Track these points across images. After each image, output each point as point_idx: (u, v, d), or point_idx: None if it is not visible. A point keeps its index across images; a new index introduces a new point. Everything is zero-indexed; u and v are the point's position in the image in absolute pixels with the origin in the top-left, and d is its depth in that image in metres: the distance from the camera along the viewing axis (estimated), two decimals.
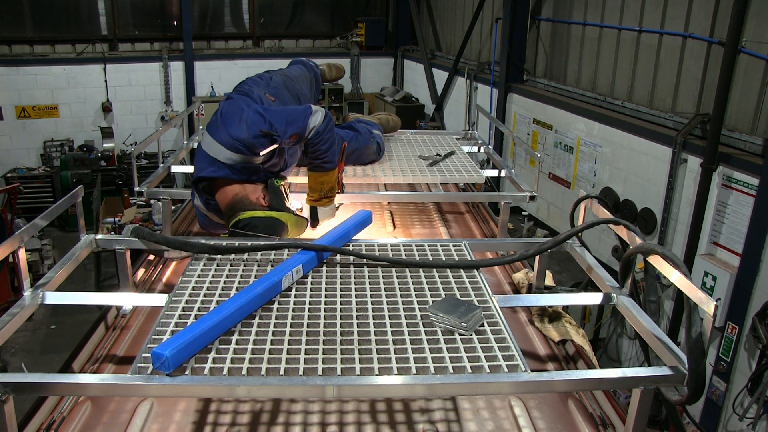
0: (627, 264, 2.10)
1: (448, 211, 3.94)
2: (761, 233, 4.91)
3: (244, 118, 2.65)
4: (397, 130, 4.30)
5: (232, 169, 2.66)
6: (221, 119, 2.72)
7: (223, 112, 2.77)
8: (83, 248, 2.34)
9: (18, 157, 11.22)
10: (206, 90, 12.15)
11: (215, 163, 2.67)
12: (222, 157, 2.65)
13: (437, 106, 11.38)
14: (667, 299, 6.13)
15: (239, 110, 2.72)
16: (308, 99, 3.51)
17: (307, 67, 3.81)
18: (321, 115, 2.79)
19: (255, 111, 2.68)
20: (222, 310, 1.78)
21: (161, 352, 1.54)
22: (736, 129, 5.48)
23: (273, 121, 2.65)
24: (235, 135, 2.61)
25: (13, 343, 7.29)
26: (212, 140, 2.68)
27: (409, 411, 1.95)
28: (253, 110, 2.69)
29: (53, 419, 1.88)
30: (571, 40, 7.90)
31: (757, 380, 5.07)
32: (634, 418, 1.66)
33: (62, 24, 11.45)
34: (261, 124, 2.63)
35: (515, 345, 1.73)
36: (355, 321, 1.86)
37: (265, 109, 2.71)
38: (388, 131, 4.19)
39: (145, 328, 2.44)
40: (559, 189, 7.91)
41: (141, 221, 7.46)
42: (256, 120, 2.64)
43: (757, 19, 5.18)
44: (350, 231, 2.43)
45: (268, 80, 3.26)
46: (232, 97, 2.93)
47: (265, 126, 2.62)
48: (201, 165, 2.73)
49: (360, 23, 13.04)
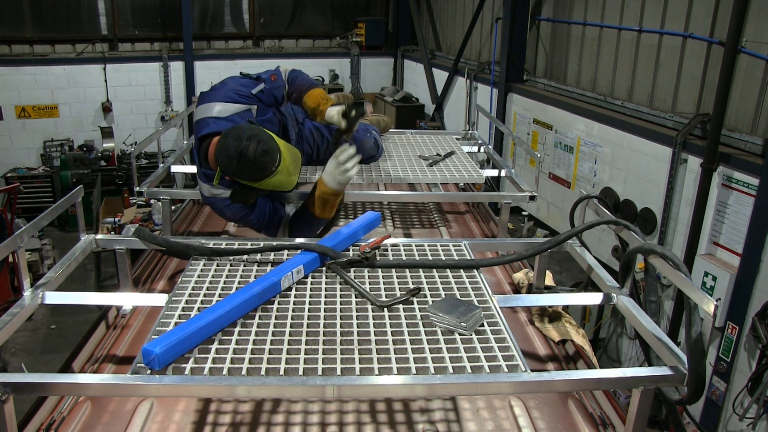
0: (627, 264, 2.10)
1: (448, 211, 3.94)
2: (761, 233, 4.91)
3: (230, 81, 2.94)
4: (388, 129, 4.30)
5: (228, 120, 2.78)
6: (211, 90, 2.93)
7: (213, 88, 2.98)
8: (83, 248, 2.34)
9: (18, 157, 11.22)
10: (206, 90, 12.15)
11: (211, 122, 2.76)
12: (216, 111, 2.77)
13: (437, 106, 11.38)
14: (667, 299, 6.13)
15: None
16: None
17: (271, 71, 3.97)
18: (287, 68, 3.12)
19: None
20: (216, 309, 1.78)
21: (151, 350, 1.55)
22: (736, 129, 5.48)
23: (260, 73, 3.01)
24: (227, 90, 2.85)
25: (13, 343, 7.29)
26: (207, 103, 2.83)
27: (409, 411, 1.95)
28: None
29: (53, 419, 1.89)
30: (571, 40, 7.90)
31: (757, 380, 5.07)
32: (634, 418, 1.66)
33: (62, 24, 11.45)
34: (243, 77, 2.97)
35: (515, 345, 1.73)
36: (355, 321, 1.85)
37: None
38: (381, 131, 4.21)
39: (145, 328, 2.44)
40: (559, 189, 7.91)
41: (141, 221, 7.46)
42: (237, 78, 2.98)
43: (757, 19, 5.18)
44: (358, 232, 2.43)
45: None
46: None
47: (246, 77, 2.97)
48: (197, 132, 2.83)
49: (360, 23, 13.04)
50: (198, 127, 2.79)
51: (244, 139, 2.38)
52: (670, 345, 1.75)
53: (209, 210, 3.95)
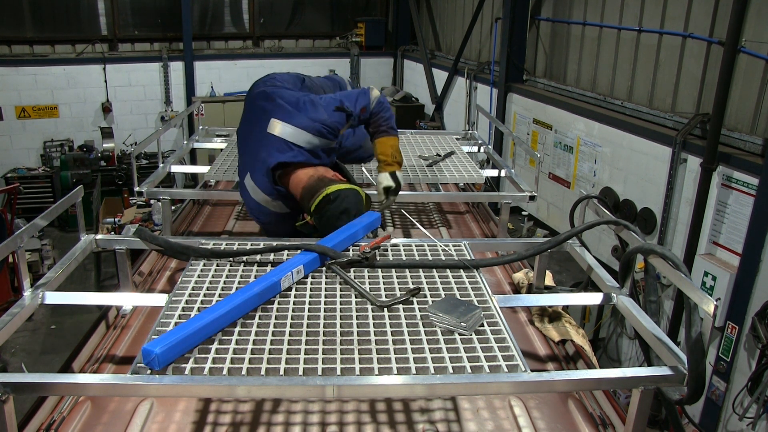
0: (627, 264, 2.10)
1: (448, 211, 3.94)
2: (761, 233, 4.91)
3: (320, 103, 2.77)
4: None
5: (312, 153, 2.73)
6: (294, 107, 2.75)
7: (289, 101, 2.79)
8: (83, 248, 2.34)
9: (18, 157, 11.22)
10: (206, 90, 12.15)
11: (294, 148, 2.69)
12: (302, 141, 2.69)
13: (437, 106, 11.38)
14: (667, 299, 6.13)
15: (306, 97, 2.80)
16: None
17: (338, 79, 3.81)
18: (377, 90, 2.98)
19: (325, 96, 2.86)
20: (216, 309, 1.78)
21: (151, 350, 1.55)
22: (736, 129, 5.48)
23: (342, 99, 2.83)
24: (316, 118, 2.71)
25: (13, 343, 7.29)
26: (289, 126, 2.70)
27: (409, 411, 1.95)
28: (323, 96, 2.86)
29: (53, 419, 1.89)
30: (571, 40, 7.89)
31: (757, 380, 5.06)
32: (634, 418, 1.66)
33: (62, 24, 11.45)
34: (335, 102, 2.79)
35: (515, 345, 1.73)
36: (355, 321, 1.85)
37: (331, 95, 2.90)
38: None
39: (145, 328, 2.44)
40: (559, 189, 7.91)
41: (141, 221, 7.46)
42: (329, 101, 2.81)
43: (757, 19, 5.18)
44: (358, 232, 2.43)
45: (297, 82, 3.21)
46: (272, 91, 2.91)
47: (337, 104, 2.79)
48: (274, 152, 2.70)
49: (360, 23, 13.04)
50: (278, 145, 2.69)
51: (341, 212, 2.55)
52: (670, 345, 1.75)
53: (209, 210, 3.95)
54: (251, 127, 2.85)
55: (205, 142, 4.37)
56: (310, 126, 2.70)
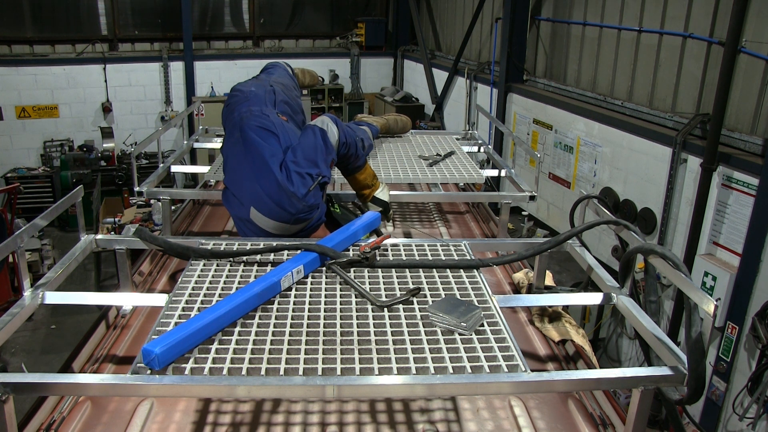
0: (627, 264, 2.10)
1: (448, 211, 3.94)
2: (761, 233, 4.91)
3: (290, 191, 2.48)
4: (407, 130, 4.33)
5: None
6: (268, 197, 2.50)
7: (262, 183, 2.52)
8: (83, 248, 2.34)
9: (18, 157, 11.23)
10: (206, 90, 12.16)
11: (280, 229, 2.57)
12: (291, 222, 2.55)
13: (437, 106, 11.38)
14: (667, 299, 6.13)
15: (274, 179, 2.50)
16: (302, 107, 3.40)
17: (287, 72, 3.66)
18: (332, 126, 2.73)
19: (294, 172, 2.51)
20: (216, 309, 1.78)
21: (151, 350, 1.55)
22: (736, 129, 5.48)
23: (309, 170, 2.54)
24: (291, 210, 2.49)
25: (13, 343, 7.29)
26: (265, 218, 2.53)
27: (409, 411, 1.95)
28: (293, 171, 2.52)
29: (53, 419, 1.88)
30: (571, 40, 7.90)
31: (757, 380, 5.07)
32: (634, 418, 1.66)
33: (62, 24, 11.45)
34: (307, 183, 2.52)
35: (515, 345, 1.73)
36: (355, 321, 1.85)
37: (294, 161, 2.55)
38: (397, 132, 4.26)
39: (145, 328, 2.44)
40: (559, 189, 7.91)
41: (141, 221, 7.46)
42: (298, 182, 2.51)
43: (757, 19, 5.18)
44: (358, 232, 2.43)
45: (270, 95, 3.06)
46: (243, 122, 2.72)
47: (309, 182, 2.52)
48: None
49: (360, 23, 13.05)
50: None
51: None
52: (670, 345, 1.75)
53: (209, 210, 3.95)
54: (243, 157, 2.63)
55: (205, 142, 4.37)
56: (288, 218, 2.51)
